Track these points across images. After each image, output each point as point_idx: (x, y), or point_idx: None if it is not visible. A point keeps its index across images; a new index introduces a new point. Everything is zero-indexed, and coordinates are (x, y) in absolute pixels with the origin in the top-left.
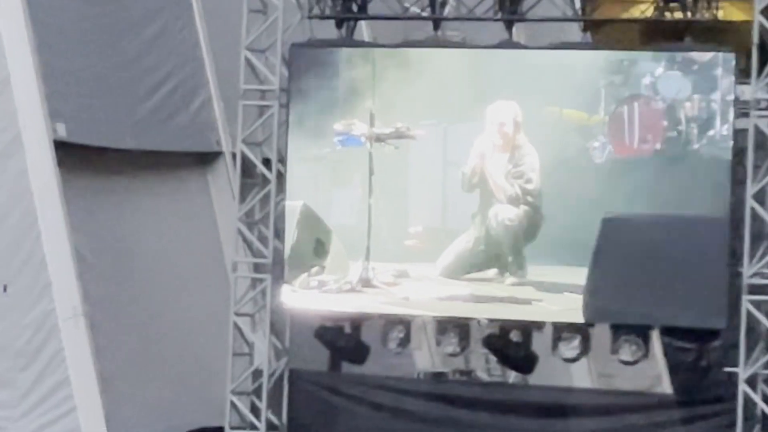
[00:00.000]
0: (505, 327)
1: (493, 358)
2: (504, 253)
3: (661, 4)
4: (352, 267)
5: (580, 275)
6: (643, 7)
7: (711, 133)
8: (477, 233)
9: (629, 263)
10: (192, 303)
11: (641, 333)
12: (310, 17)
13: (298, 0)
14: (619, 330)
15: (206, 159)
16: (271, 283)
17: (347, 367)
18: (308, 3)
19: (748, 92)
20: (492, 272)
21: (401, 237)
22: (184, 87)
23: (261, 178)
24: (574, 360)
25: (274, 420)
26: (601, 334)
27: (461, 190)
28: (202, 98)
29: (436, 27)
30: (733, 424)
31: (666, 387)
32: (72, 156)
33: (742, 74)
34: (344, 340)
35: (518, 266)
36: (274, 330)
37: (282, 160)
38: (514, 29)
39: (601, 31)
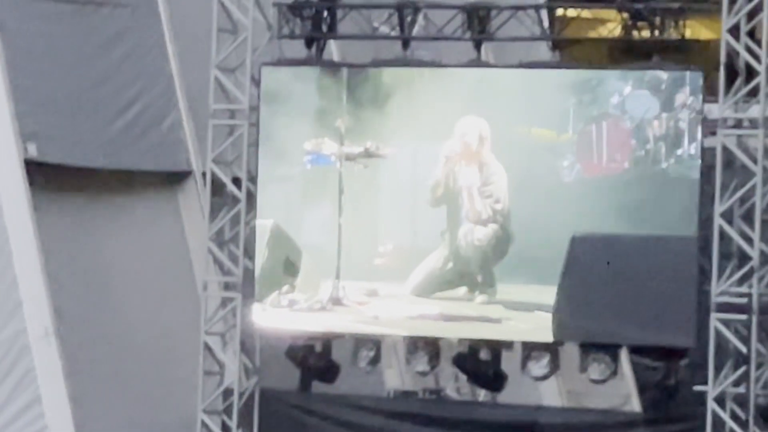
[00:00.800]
0: (475, 346)
1: (462, 377)
2: (473, 272)
3: (629, 23)
4: (322, 286)
5: (549, 294)
6: (610, 26)
7: (679, 152)
8: (446, 252)
9: (598, 282)
10: (163, 322)
11: (610, 351)
12: (279, 37)
13: (268, 20)
14: (588, 348)
15: (176, 178)
16: (242, 302)
17: (318, 386)
18: (278, 23)
19: (715, 111)
20: (462, 291)
21: (371, 256)
22: (155, 106)
23: (231, 198)
24: (543, 378)
25: None
26: (571, 352)
27: (427, 204)
28: (172, 117)
29: (405, 46)
30: None
31: (635, 405)
32: (43, 175)
33: (710, 93)
34: (315, 359)
35: (488, 285)
36: (245, 349)
37: (252, 179)
38: (482, 48)
39: (570, 50)
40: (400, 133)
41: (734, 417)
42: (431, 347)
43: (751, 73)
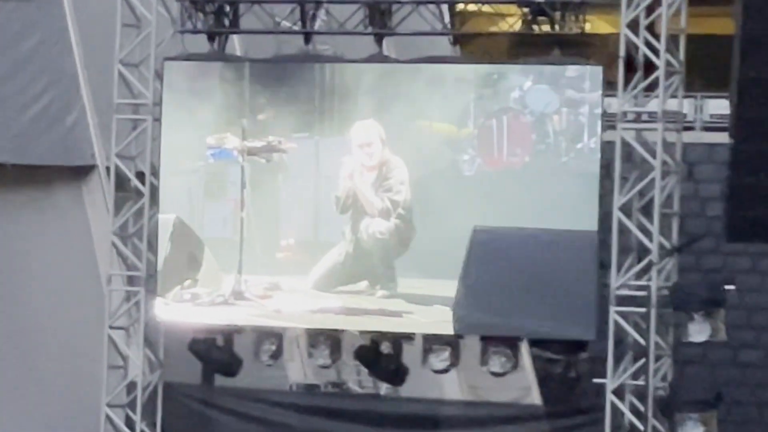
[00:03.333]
0: (376, 339)
1: (364, 370)
2: (375, 266)
3: (529, 17)
4: (224, 280)
5: (450, 287)
6: (511, 20)
7: (579, 146)
8: (348, 246)
9: (499, 275)
10: (67, 316)
11: (510, 345)
12: (182, 32)
13: (171, 14)
14: (488, 342)
15: (81, 173)
16: (145, 296)
17: (220, 380)
18: (180, 17)
19: (615, 105)
20: (363, 285)
21: (273, 250)
22: (59, 101)
23: (135, 192)
24: (444, 372)
25: None
26: (471, 345)
27: (335, 212)
28: (77, 112)
29: (307, 41)
30: None
31: (535, 398)
32: None
33: (610, 87)
34: (217, 353)
35: (389, 279)
36: (149, 343)
37: (155, 174)
38: (384, 43)
39: (471, 44)
40: (302, 128)
41: (633, 409)
42: (333, 341)
43: (650, 67)
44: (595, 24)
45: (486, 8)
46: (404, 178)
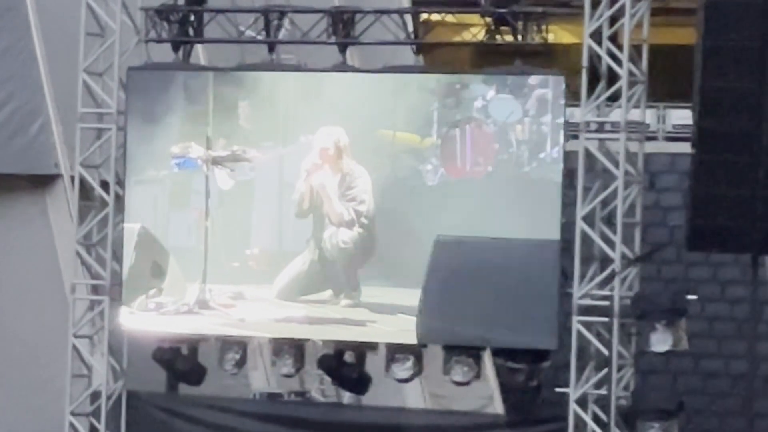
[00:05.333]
0: (340, 348)
1: (327, 379)
2: (338, 275)
3: (492, 27)
4: (189, 289)
5: (413, 297)
6: (474, 30)
7: (542, 155)
8: (312, 256)
9: (461, 285)
10: (31, 325)
11: (473, 354)
12: (146, 41)
13: (135, 23)
14: (451, 351)
15: (45, 181)
16: (110, 305)
17: (184, 388)
18: (145, 27)
19: (578, 114)
20: (327, 294)
21: (238, 259)
22: (23, 110)
23: (99, 201)
24: (407, 381)
25: None
26: (434, 355)
27: (294, 215)
28: (41, 121)
29: (271, 50)
30: None
31: (498, 407)
32: None
33: (573, 97)
34: (181, 362)
35: (352, 288)
36: (113, 351)
37: (120, 183)
38: (347, 52)
39: (434, 54)
40: (266, 137)
41: (596, 419)
42: (296, 350)
43: (613, 77)
44: (558, 34)
45: (449, 18)
46: (367, 188)
